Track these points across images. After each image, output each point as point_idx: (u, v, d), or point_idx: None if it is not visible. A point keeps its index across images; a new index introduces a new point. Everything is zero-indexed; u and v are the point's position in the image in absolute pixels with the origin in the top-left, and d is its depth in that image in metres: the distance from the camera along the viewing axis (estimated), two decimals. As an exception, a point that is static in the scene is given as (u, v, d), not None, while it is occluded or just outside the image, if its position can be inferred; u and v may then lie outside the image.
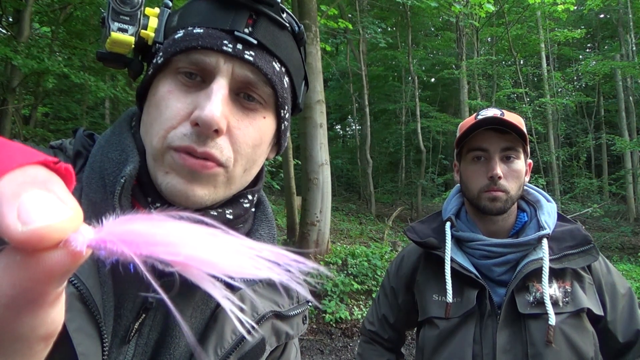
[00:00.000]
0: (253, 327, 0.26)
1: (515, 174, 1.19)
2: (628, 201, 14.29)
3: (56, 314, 0.23)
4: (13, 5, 6.57)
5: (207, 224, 0.24)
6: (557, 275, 1.14)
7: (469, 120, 1.25)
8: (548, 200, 1.27)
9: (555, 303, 1.10)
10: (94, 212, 0.55)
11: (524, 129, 1.19)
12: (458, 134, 1.27)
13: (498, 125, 1.17)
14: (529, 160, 1.27)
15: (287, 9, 0.63)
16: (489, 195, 1.18)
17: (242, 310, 0.23)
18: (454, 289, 1.18)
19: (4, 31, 6.90)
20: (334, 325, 5.16)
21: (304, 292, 0.27)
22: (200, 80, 0.58)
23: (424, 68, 17.51)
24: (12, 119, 6.56)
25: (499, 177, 1.17)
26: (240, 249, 0.23)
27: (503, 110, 1.21)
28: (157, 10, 0.63)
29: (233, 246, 0.23)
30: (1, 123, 6.10)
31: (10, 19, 7.27)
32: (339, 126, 23.06)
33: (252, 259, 0.23)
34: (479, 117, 1.21)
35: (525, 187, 1.29)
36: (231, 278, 0.22)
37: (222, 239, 0.23)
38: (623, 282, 1.21)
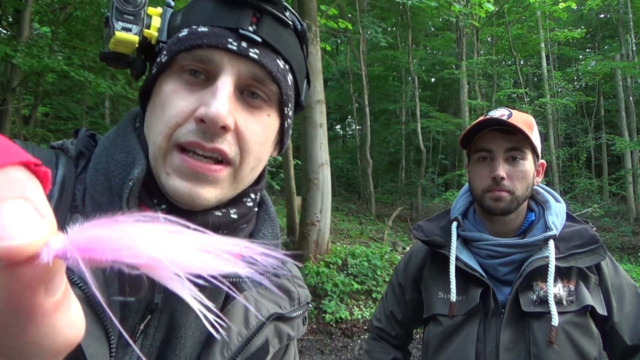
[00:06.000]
0: (221, 327, 0.26)
1: (520, 174, 1.18)
2: (628, 201, 14.28)
3: (67, 319, 0.23)
4: (13, 5, 6.56)
5: (175, 222, 0.24)
6: (562, 274, 1.13)
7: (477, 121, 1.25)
8: (557, 201, 1.26)
9: (559, 302, 1.09)
10: (100, 214, 0.55)
11: (532, 131, 1.17)
12: (462, 134, 1.27)
13: (501, 126, 1.16)
14: (542, 161, 1.26)
15: (289, 7, 0.63)
16: (493, 195, 1.18)
17: (208, 309, 0.23)
18: (459, 287, 1.18)
19: (4, 31, 6.89)
20: (334, 325, 5.16)
21: (269, 285, 0.27)
22: (205, 78, 0.58)
23: (424, 68, 17.49)
24: (12, 119, 6.55)
25: (502, 178, 1.16)
26: (206, 245, 0.23)
27: (512, 111, 1.19)
28: (159, 9, 0.63)
29: (198, 243, 0.23)
30: (1, 123, 6.09)
31: (10, 19, 7.25)
32: (339, 126, 23.05)
33: (216, 254, 0.23)
34: (486, 117, 1.20)
35: (535, 187, 1.28)
36: (196, 276, 0.22)
37: (187, 236, 0.23)
38: (630, 283, 1.20)
